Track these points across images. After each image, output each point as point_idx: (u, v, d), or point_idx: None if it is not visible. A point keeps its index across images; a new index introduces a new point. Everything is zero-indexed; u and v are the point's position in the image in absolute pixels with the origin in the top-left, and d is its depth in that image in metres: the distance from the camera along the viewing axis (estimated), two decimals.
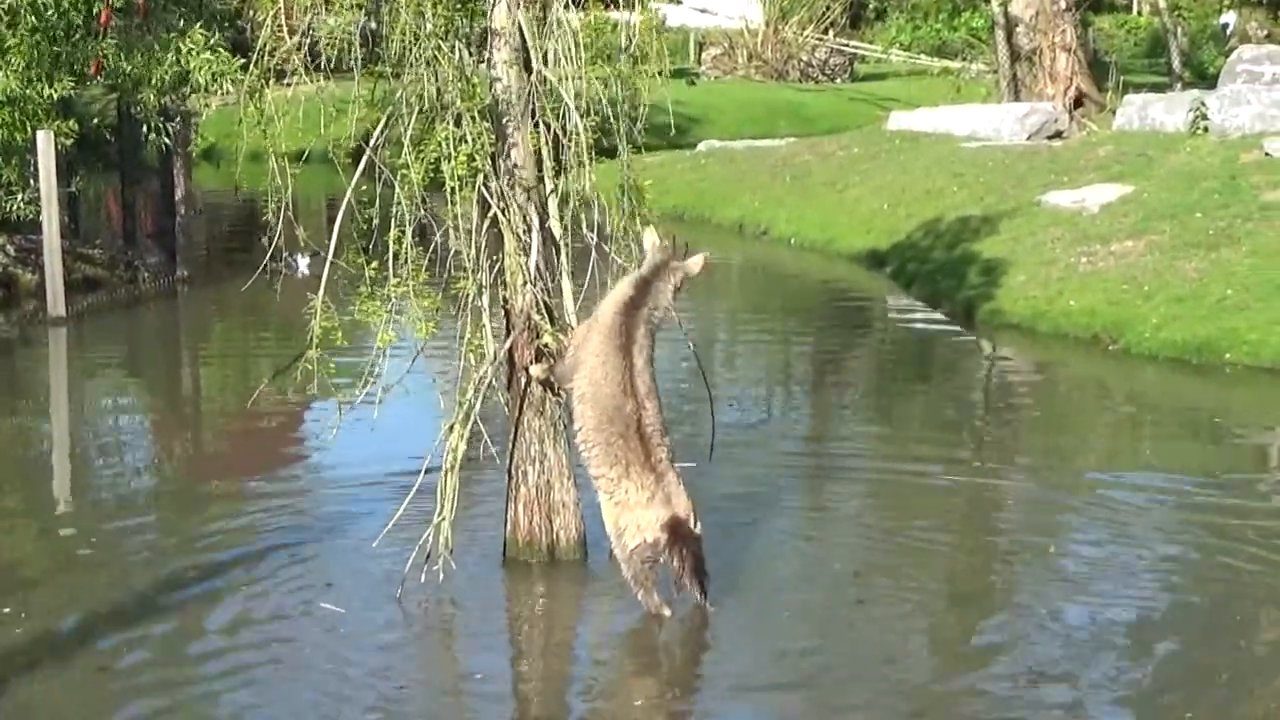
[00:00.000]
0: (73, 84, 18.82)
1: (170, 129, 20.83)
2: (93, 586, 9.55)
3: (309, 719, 7.83)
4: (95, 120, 22.10)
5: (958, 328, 18.26)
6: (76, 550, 10.37)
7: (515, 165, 9.34)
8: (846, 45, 49.38)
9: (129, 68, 18.88)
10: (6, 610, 9.04)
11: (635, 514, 8.74)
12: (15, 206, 19.16)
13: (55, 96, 18.52)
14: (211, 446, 13.84)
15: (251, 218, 29.14)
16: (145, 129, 20.50)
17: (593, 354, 8.91)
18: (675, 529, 8.70)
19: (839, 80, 48.07)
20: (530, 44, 9.35)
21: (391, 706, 8.02)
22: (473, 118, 9.07)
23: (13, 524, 11.15)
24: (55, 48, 18.10)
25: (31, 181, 18.90)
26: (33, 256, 19.58)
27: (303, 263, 20.54)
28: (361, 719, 7.88)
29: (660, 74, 9.42)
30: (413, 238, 9.21)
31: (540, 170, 9.46)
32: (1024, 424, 14.31)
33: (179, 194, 21.73)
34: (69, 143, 19.08)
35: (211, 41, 18.16)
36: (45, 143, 18.32)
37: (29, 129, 18.35)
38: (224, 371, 17.36)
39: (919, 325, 18.85)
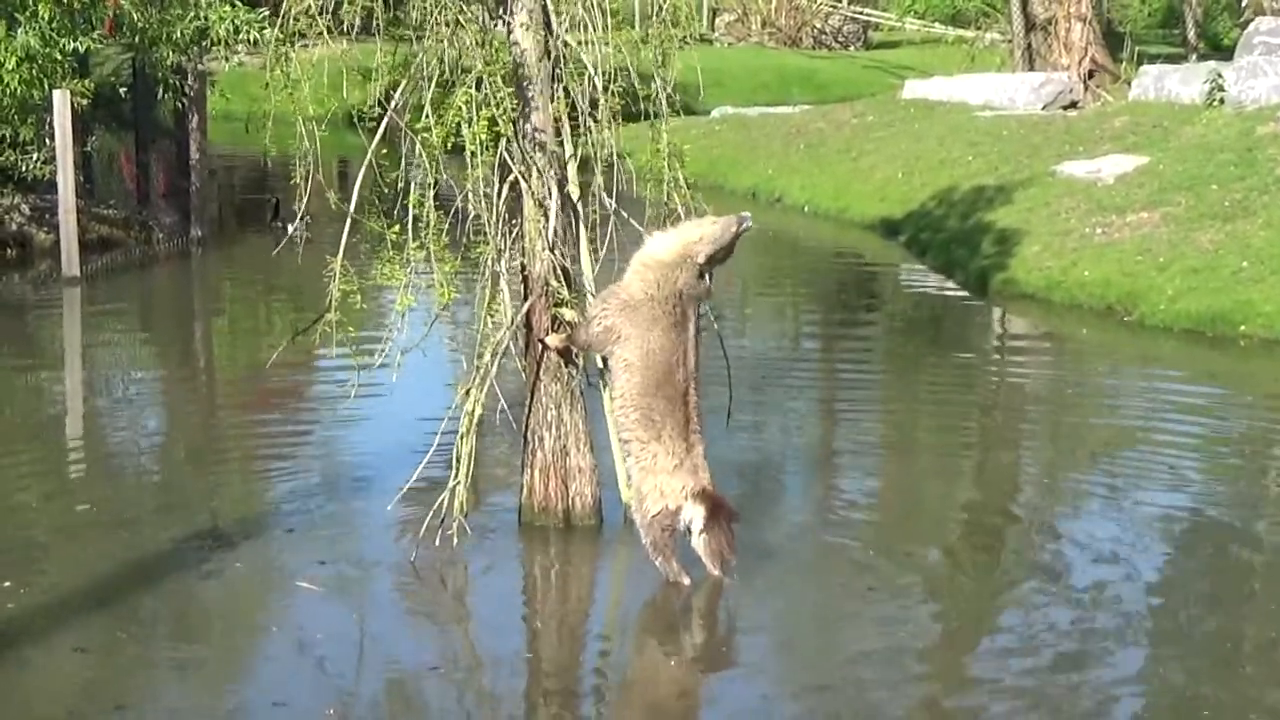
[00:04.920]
0: (95, 39, 18.84)
1: (187, 88, 20.84)
2: (94, 557, 9.42)
3: (320, 695, 7.73)
4: (111, 79, 22.02)
5: (972, 297, 18.23)
6: (83, 516, 10.27)
7: (535, 129, 9.33)
8: (860, 12, 49.20)
9: (143, 24, 18.89)
10: (7, 584, 8.89)
11: (660, 479, 8.76)
12: (31, 166, 19.13)
13: (82, 50, 18.53)
14: (224, 409, 13.81)
15: (263, 178, 29.17)
16: (161, 88, 20.50)
17: (641, 326, 8.81)
18: (715, 506, 8.74)
19: (852, 47, 47.90)
20: (550, 6, 9.33)
21: (406, 679, 8.00)
22: (494, 81, 9.06)
23: (23, 487, 11.09)
24: (75, 3, 18.14)
25: (47, 141, 18.87)
26: (47, 216, 19.57)
27: (292, 226, 20.63)
28: (375, 693, 7.86)
29: (688, 39, 9.39)
30: (433, 202, 9.20)
31: (560, 135, 9.45)
32: (1037, 392, 14.32)
33: (194, 154, 21.68)
34: (85, 102, 19.04)
35: None
36: (61, 102, 18.28)
37: (46, 87, 18.34)
38: (237, 333, 17.36)
39: (933, 294, 18.82)
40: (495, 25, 9.57)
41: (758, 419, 12.36)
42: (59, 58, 18.24)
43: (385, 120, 9.27)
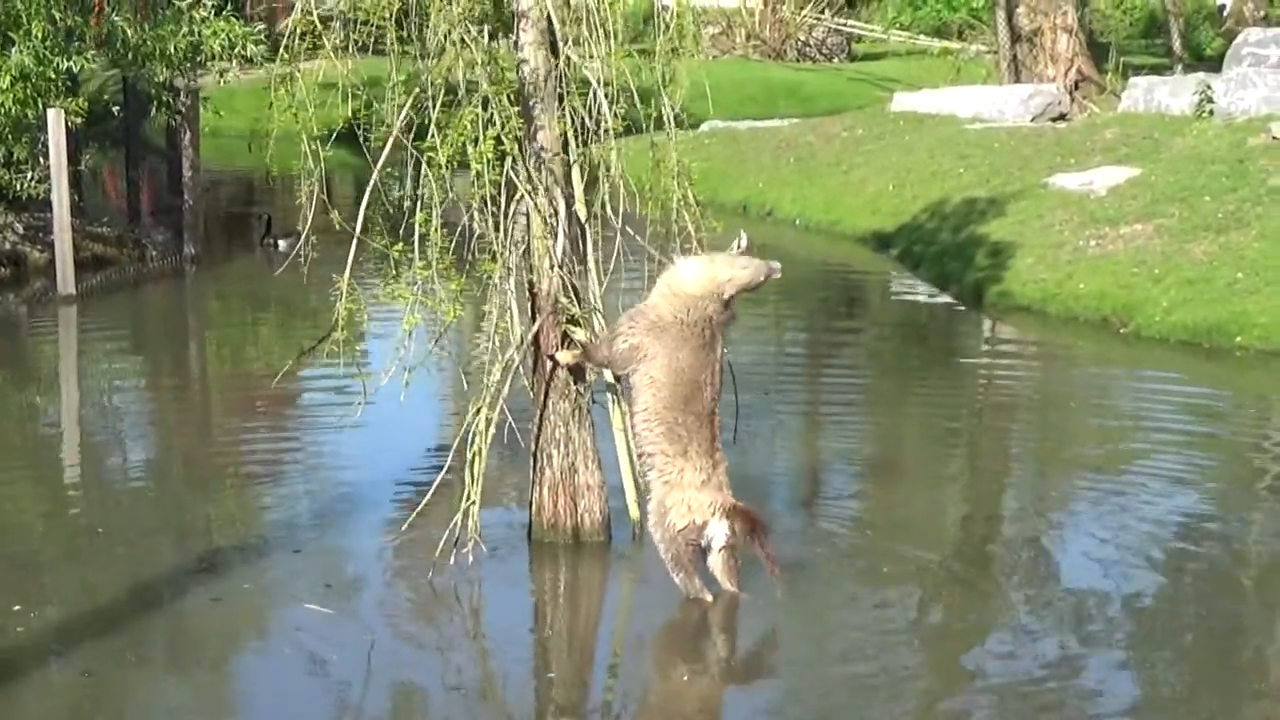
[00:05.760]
0: (88, 59, 18.85)
1: (180, 104, 20.83)
2: (100, 579, 9.40)
3: (338, 715, 7.79)
4: (105, 98, 22.03)
5: (967, 309, 18.25)
6: (84, 538, 10.24)
7: (542, 148, 9.34)
8: (845, 24, 49.29)
9: (137, 40, 18.91)
10: (17, 608, 8.82)
11: (687, 494, 8.74)
12: (26, 185, 19.10)
13: (75, 69, 18.53)
14: (224, 427, 13.73)
15: (249, 195, 29.16)
16: (153, 105, 20.52)
17: (669, 346, 8.80)
18: (750, 521, 8.76)
19: (836, 60, 47.97)
20: (557, 26, 9.34)
21: (421, 697, 8.03)
22: (500, 101, 9.07)
23: (23, 508, 11.09)
24: (68, 22, 18.15)
25: (41, 160, 18.84)
26: (41, 234, 19.53)
27: (284, 243, 20.82)
28: (391, 712, 7.88)
29: (693, 54, 9.39)
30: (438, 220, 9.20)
31: (567, 153, 9.46)
32: (1034, 404, 14.37)
33: (187, 171, 21.65)
34: (79, 121, 19.03)
35: (224, 12, 18.28)
36: (56, 121, 18.26)
37: (40, 106, 18.33)
38: (234, 351, 17.29)
39: (928, 307, 18.83)
40: (499, 44, 9.57)
41: (756, 432, 12.35)
42: (53, 76, 18.23)
43: (391, 138, 9.26)
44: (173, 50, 19.39)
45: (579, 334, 9.37)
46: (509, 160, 9.17)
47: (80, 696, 7.93)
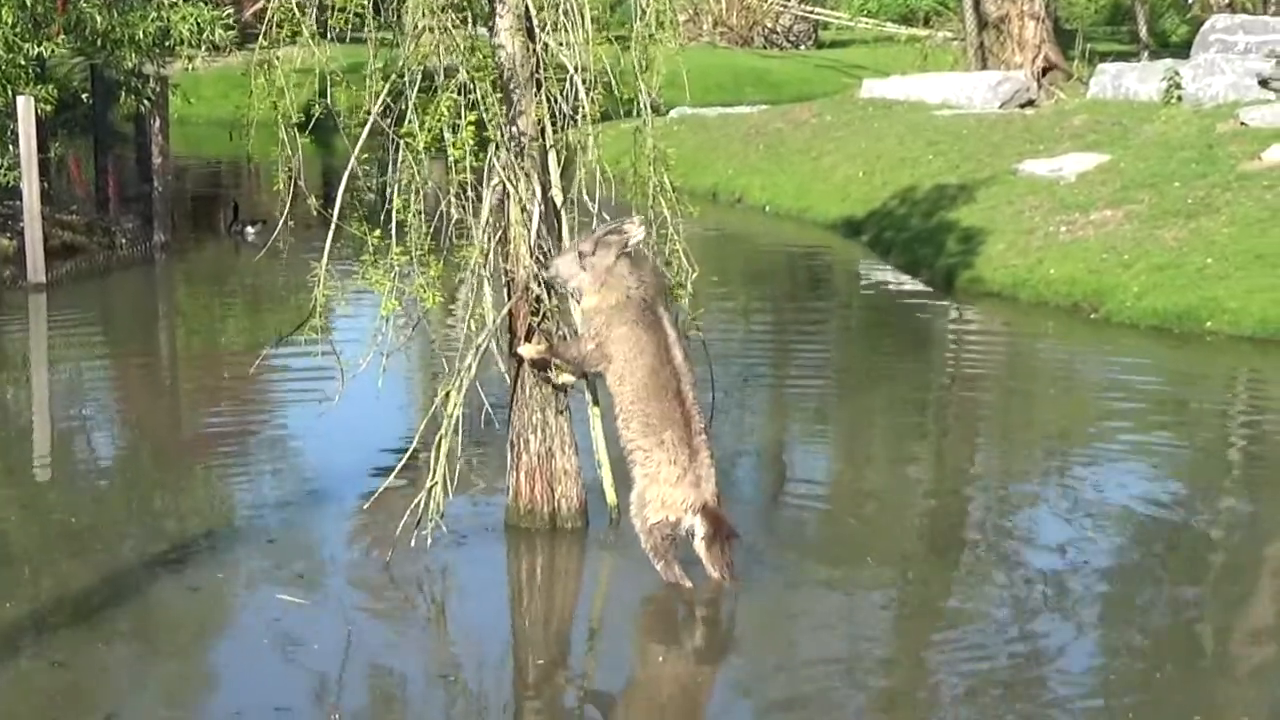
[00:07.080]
0: (58, 43, 18.74)
1: (149, 91, 20.73)
2: (73, 570, 9.33)
3: (321, 700, 7.79)
4: (75, 85, 21.89)
5: (938, 295, 18.27)
6: (59, 528, 10.18)
7: (521, 133, 9.33)
8: (812, 12, 49.28)
9: (105, 26, 18.83)
10: None
11: (662, 490, 8.78)
12: None
13: (46, 55, 18.43)
14: (196, 416, 13.68)
15: (217, 182, 29.06)
16: (122, 91, 20.41)
17: (620, 338, 8.90)
18: (716, 525, 8.78)
19: (803, 47, 47.98)
20: (533, 12, 9.32)
21: (394, 684, 8.04)
22: (482, 86, 9.05)
23: None
24: (38, 8, 18.06)
25: (10, 147, 18.71)
26: (10, 222, 19.41)
27: (250, 231, 20.77)
28: (359, 697, 7.88)
29: (674, 41, 9.41)
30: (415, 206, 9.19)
31: (544, 139, 9.45)
32: (1006, 390, 14.43)
33: (156, 158, 21.54)
34: (49, 108, 18.92)
35: None
36: (25, 108, 18.15)
37: (9, 93, 18.22)
38: (206, 339, 17.23)
39: (898, 293, 18.85)
40: (478, 30, 9.55)
41: (730, 423, 12.38)
42: (22, 63, 18.12)
43: (368, 125, 9.23)
44: (141, 36, 19.31)
45: (548, 326, 9.39)
46: (492, 146, 9.16)
47: (54, 687, 7.87)
